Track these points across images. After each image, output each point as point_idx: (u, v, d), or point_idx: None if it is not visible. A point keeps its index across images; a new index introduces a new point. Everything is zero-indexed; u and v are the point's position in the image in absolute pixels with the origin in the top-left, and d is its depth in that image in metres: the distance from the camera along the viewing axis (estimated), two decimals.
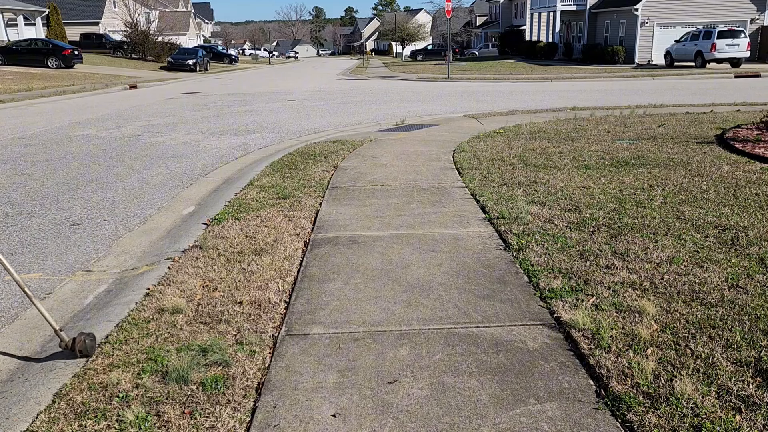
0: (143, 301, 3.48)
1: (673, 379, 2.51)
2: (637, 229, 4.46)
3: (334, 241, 4.43)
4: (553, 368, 2.66)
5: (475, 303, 3.33)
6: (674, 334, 2.89)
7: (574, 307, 3.19)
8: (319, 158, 7.71)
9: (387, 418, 2.35)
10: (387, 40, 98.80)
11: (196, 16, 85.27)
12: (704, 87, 19.15)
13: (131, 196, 6.35)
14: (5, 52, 31.73)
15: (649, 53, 34.29)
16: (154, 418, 2.37)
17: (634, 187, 5.75)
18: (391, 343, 2.91)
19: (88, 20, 52.71)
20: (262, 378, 2.65)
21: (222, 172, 7.58)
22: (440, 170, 6.87)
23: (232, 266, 3.96)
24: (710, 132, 9.12)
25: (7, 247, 4.77)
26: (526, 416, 2.34)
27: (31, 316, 3.52)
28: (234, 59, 56.76)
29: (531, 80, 25.06)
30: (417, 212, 5.13)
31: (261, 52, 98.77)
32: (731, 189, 5.59)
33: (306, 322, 3.16)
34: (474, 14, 77.94)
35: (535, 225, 4.60)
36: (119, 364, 2.77)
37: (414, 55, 64.57)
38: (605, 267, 3.74)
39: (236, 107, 15.85)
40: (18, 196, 6.37)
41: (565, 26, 43.72)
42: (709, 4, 33.63)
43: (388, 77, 31.47)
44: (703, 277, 3.56)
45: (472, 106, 14.76)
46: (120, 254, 4.60)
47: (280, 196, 5.74)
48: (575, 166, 6.81)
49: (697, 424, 2.23)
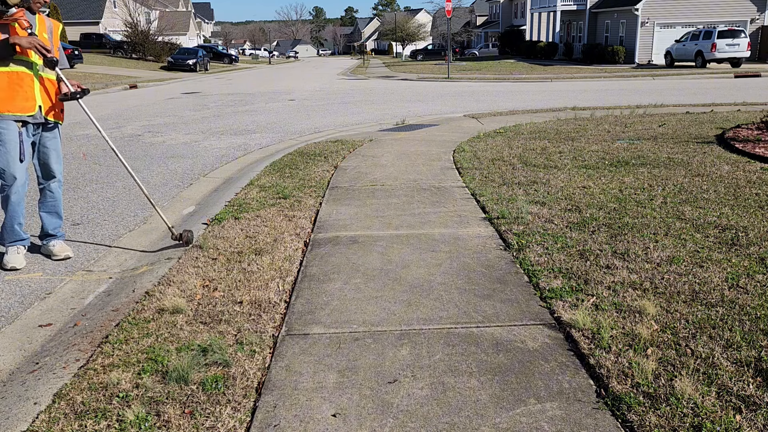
0: (143, 300, 3.48)
1: (674, 379, 2.50)
2: (638, 228, 4.46)
3: (335, 241, 4.43)
4: (553, 368, 2.66)
5: (475, 303, 3.33)
6: (674, 334, 2.89)
7: (575, 307, 3.19)
8: (319, 158, 7.71)
9: (387, 417, 2.35)
10: (387, 40, 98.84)
11: (196, 15, 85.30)
12: (704, 87, 19.15)
13: (131, 195, 6.35)
14: None
15: (649, 53, 34.31)
16: (154, 417, 2.37)
17: (634, 186, 5.75)
18: (391, 343, 2.91)
19: (88, 20, 52.75)
20: (262, 378, 2.65)
21: (222, 172, 7.58)
22: (440, 170, 6.87)
23: (232, 266, 3.96)
24: (710, 132, 9.12)
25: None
26: (526, 416, 2.34)
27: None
28: (234, 59, 56.79)
29: (531, 80, 25.06)
30: (417, 212, 5.13)
31: (261, 52, 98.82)
32: (731, 189, 5.59)
33: (306, 321, 3.16)
34: (474, 14, 77.96)
35: (536, 225, 4.60)
36: (119, 364, 2.77)
37: (414, 55, 64.59)
38: (605, 267, 3.74)
39: (236, 107, 15.86)
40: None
41: (566, 26, 43.72)
42: (710, 4, 33.64)
43: (388, 77, 31.48)
44: (703, 277, 3.56)
45: (472, 106, 14.76)
46: (120, 254, 4.60)
47: (280, 196, 5.74)
48: (575, 165, 6.81)
49: (697, 424, 2.23)
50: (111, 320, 3.28)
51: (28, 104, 4.06)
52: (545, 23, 45.29)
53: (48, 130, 4.31)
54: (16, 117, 4.04)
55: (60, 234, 4.55)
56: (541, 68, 31.96)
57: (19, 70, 4.00)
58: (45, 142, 4.31)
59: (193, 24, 74.22)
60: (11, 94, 3.99)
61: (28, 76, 4.04)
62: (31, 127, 4.19)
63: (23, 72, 4.02)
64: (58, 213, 4.49)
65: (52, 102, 4.23)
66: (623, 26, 35.92)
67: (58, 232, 4.53)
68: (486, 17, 73.19)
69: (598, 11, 39.12)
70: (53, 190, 4.43)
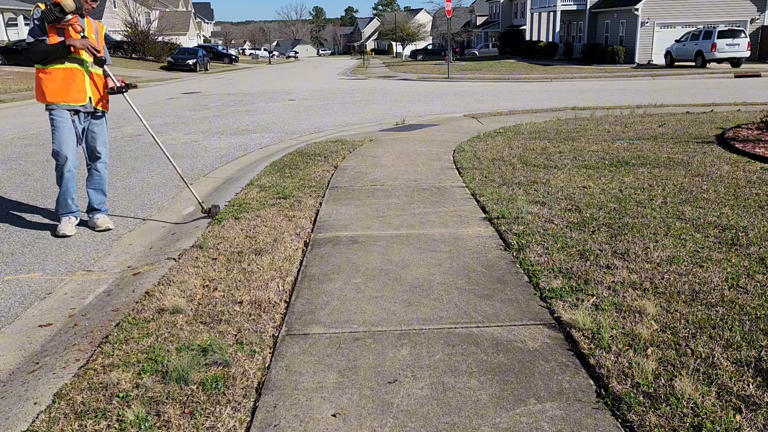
0: (143, 300, 3.48)
1: (674, 379, 2.50)
2: (638, 228, 4.46)
3: (334, 241, 4.43)
4: (554, 368, 2.66)
5: (475, 303, 3.33)
6: (674, 334, 2.88)
7: (575, 307, 3.19)
8: (319, 158, 7.71)
9: (387, 417, 2.35)
10: (387, 39, 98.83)
11: (196, 15, 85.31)
12: (704, 87, 19.15)
13: (131, 195, 6.35)
14: (5, 52, 31.76)
15: (649, 53, 34.30)
16: (155, 417, 2.37)
17: (634, 186, 5.75)
18: (391, 343, 2.91)
19: None
20: (262, 378, 2.65)
21: (222, 171, 7.58)
22: (440, 170, 6.87)
23: (232, 266, 3.96)
24: (710, 132, 9.12)
25: (8, 246, 4.77)
26: (526, 416, 2.34)
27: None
28: (234, 59, 56.79)
29: (531, 80, 25.06)
30: (417, 212, 5.13)
31: (261, 52, 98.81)
32: (731, 189, 5.59)
33: (306, 321, 3.16)
34: (474, 14, 77.93)
35: (536, 225, 4.60)
36: (119, 364, 2.77)
37: (414, 54, 64.58)
38: (605, 267, 3.74)
39: (236, 107, 15.86)
40: (18, 195, 6.37)
41: (566, 26, 43.72)
42: (710, 4, 33.64)
43: (388, 77, 31.47)
44: (703, 276, 3.56)
45: (472, 106, 14.76)
46: (120, 254, 4.60)
47: (280, 196, 5.74)
48: (575, 165, 6.81)
49: (697, 424, 2.23)
50: (111, 320, 3.28)
51: (79, 96, 4.80)
52: (545, 23, 45.29)
53: (96, 119, 5.03)
54: (69, 106, 4.79)
55: (104, 209, 5.26)
56: (541, 68, 31.95)
57: (73, 67, 4.73)
58: (93, 128, 5.02)
59: (193, 24, 74.22)
60: (65, 87, 4.73)
61: (80, 72, 4.77)
62: (82, 116, 4.92)
63: (76, 68, 4.74)
64: (103, 190, 5.21)
65: (100, 94, 4.97)
66: (623, 26, 35.91)
67: (102, 207, 5.23)
68: (486, 17, 73.17)
69: (598, 11, 39.11)
70: (99, 170, 5.14)
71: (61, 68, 4.68)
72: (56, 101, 4.73)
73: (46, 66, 4.68)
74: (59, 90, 4.71)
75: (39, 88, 4.76)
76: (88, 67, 4.80)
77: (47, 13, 4.49)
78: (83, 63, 4.76)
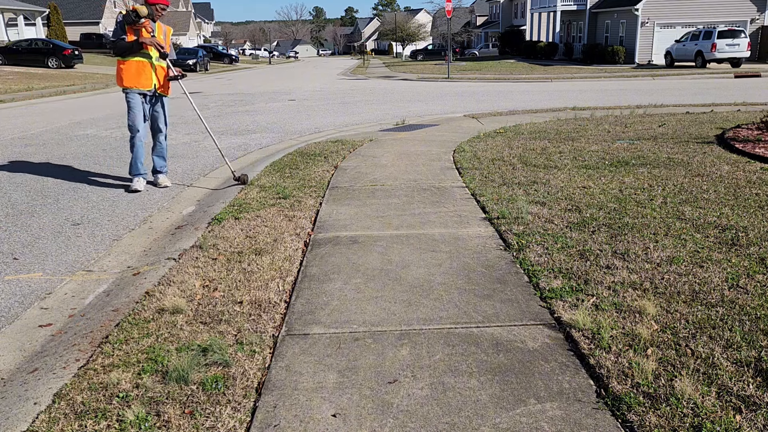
0: (143, 301, 3.48)
1: (674, 379, 2.50)
2: (638, 229, 4.46)
3: (335, 241, 4.43)
4: (554, 368, 2.66)
5: (475, 303, 3.33)
6: (674, 334, 2.88)
7: (575, 307, 3.19)
8: (319, 158, 7.71)
9: (387, 418, 2.35)
10: (387, 40, 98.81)
11: (197, 16, 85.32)
12: (704, 87, 19.15)
13: (132, 195, 6.35)
14: (6, 52, 31.76)
15: (649, 53, 34.31)
16: (155, 418, 2.37)
17: (634, 187, 5.75)
18: (391, 343, 2.91)
19: (89, 20, 52.74)
20: (262, 378, 2.65)
21: (222, 172, 7.57)
22: (440, 170, 6.87)
23: (232, 266, 3.96)
24: (710, 132, 9.12)
25: (8, 246, 4.77)
26: (526, 416, 2.33)
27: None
28: (234, 59, 56.76)
29: (531, 80, 25.06)
30: (417, 212, 5.13)
31: (261, 52, 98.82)
32: (731, 189, 5.59)
33: (306, 322, 3.16)
34: (474, 14, 77.94)
35: (536, 225, 4.60)
36: (119, 364, 2.77)
37: (414, 55, 64.57)
38: (605, 267, 3.74)
39: (236, 107, 15.86)
40: (18, 195, 6.37)
41: (566, 26, 43.73)
42: (710, 4, 33.64)
43: (388, 77, 31.48)
44: (703, 277, 3.56)
45: (472, 106, 14.76)
46: (120, 254, 4.60)
47: (280, 196, 5.74)
48: (575, 166, 6.81)
49: (697, 424, 2.23)
50: (111, 320, 3.28)
51: (147, 82, 6.18)
52: (545, 23, 45.29)
53: (159, 101, 6.40)
54: (139, 91, 6.18)
55: (165, 171, 6.69)
56: (541, 68, 31.95)
57: (143, 60, 6.10)
58: (156, 108, 6.41)
59: (193, 24, 74.24)
60: (137, 75, 6.10)
61: (148, 64, 6.13)
62: (148, 98, 6.32)
63: (145, 61, 6.11)
64: (164, 157, 6.63)
65: (162, 82, 6.33)
66: (623, 26, 35.91)
67: (163, 169, 6.67)
68: (486, 17, 73.18)
69: (598, 11, 39.11)
70: (161, 141, 6.53)
71: (134, 60, 6.05)
72: (130, 86, 6.10)
73: (125, 58, 6.03)
74: (133, 77, 6.07)
75: (119, 75, 6.10)
76: (154, 61, 6.14)
77: (127, 16, 5.92)
78: (150, 57, 6.10)
